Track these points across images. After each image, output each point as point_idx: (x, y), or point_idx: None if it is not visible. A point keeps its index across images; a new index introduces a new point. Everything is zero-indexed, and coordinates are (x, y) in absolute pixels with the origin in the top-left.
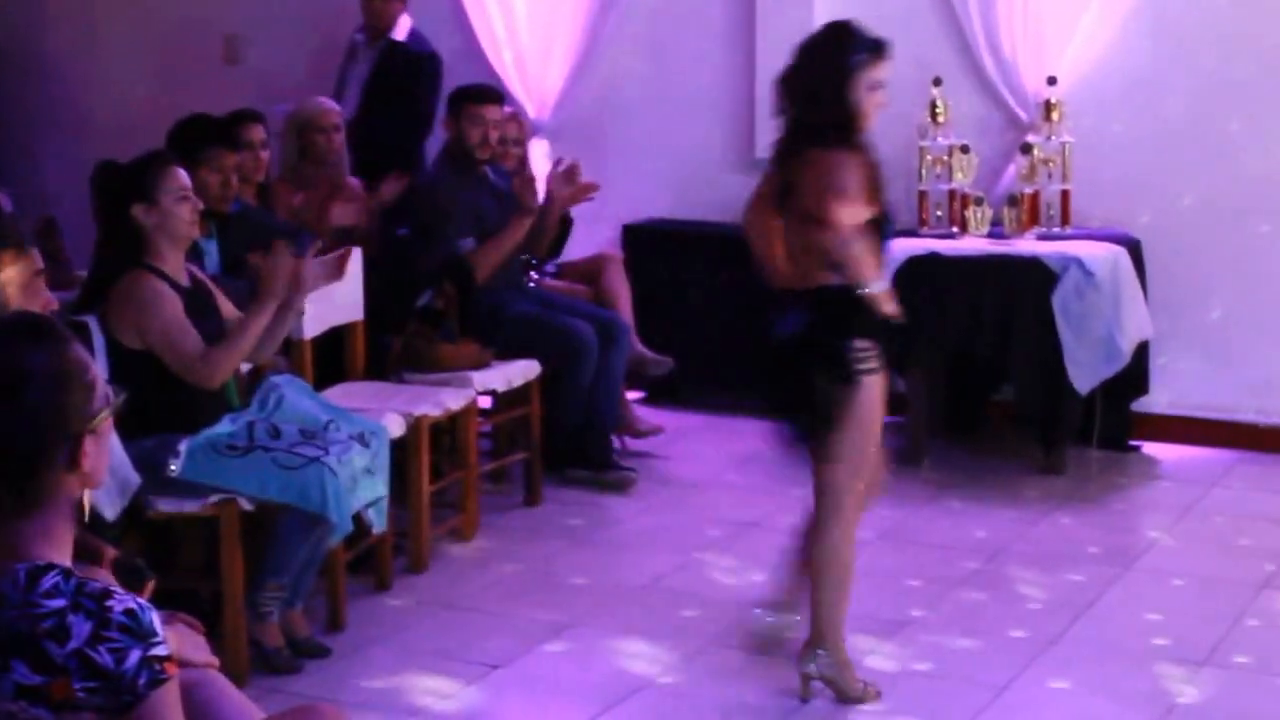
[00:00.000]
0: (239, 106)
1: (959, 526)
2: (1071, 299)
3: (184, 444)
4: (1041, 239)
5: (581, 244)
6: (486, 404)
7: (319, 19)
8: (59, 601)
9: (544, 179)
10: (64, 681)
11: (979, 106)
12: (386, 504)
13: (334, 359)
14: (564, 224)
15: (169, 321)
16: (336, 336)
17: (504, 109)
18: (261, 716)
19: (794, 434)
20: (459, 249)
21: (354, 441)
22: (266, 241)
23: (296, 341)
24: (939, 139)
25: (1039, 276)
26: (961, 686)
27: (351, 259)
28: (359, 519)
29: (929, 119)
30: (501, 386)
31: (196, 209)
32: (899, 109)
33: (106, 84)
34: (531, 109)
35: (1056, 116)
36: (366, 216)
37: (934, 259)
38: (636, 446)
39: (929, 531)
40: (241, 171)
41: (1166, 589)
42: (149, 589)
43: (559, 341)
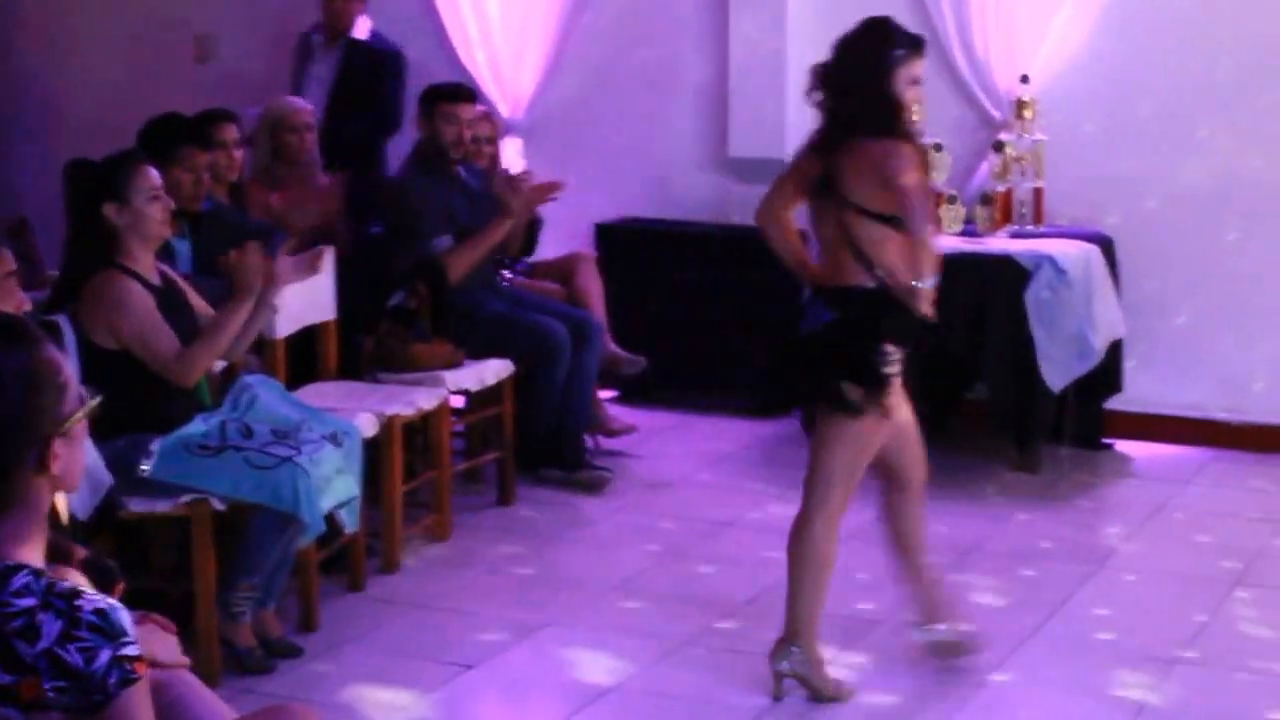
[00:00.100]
0: (210, 106)
1: (931, 524)
2: (1044, 297)
3: (156, 444)
4: (1014, 237)
5: (554, 243)
6: (459, 404)
7: (290, 18)
8: (29, 601)
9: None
10: (34, 681)
11: (952, 105)
12: (359, 504)
13: (306, 358)
14: (532, 223)
15: (143, 320)
16: (309, 336)
17: (476, 108)
18: (233, 717)
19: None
20: (434, 248)
21: (326, 441)
22: (239, 241)
23: (269, 341)
24: None
25: (1011, 274)
26: (932, 685)
27: (325, 258)
28: (331, 519)
29: None
30: (474, 386)
31: (168, 208)
32: None
33: (78, 84)
34: (505, 108)
35: (1029, 115)
36: (334, 216)
37: None
38: (610, 446)
39: None
40: (215, 170)
41: (1137, 587)
42: (119, 589)
43: (532, 341)
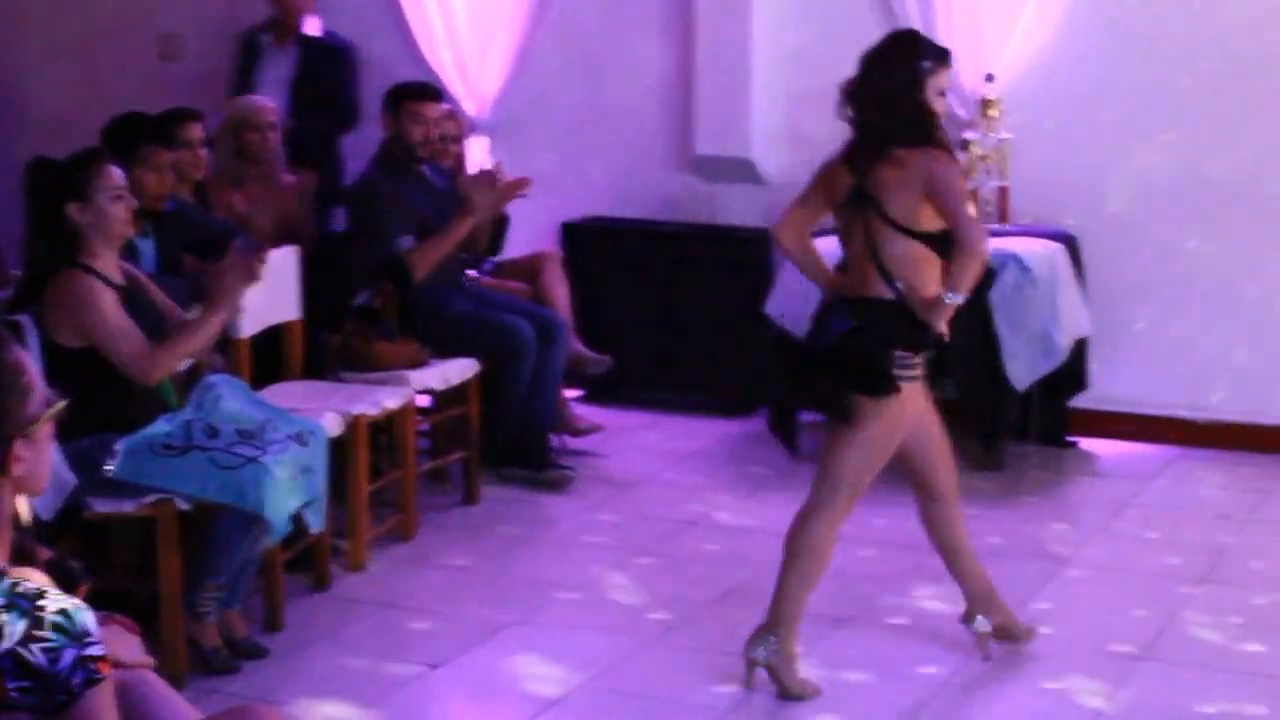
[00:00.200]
0: (174, 104)
1: (895, 522)
2: (1009, 295)
3: (120, 444)
4: None
5: (520, 242)
6: (425, 403)
7: (255, 18)
8: None
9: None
10: None
11: None
12: (324, 503)
13: (271, 358)
14: (499, 222)
15: (109, 320)
16: (274, 335)
17: (442, 106)
18: (199, 717)
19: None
20: (397, 247)
21: (291, 441)
22: (203, 240)
23: (234, 340)
24: None
25: None
26: (897, 684)
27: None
28: (297, 519)
29: None
30: (440, 385)
31: (131, 207)
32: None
33: (40, 82)
34: (471, 107)
35: (994, 114)
36: (299, 215)
37: None
38: (575, 445)
39: (865, 529)
40: (180, 170)
41: (1102, 584)
42: (83, 590)
43: (497, 340)
